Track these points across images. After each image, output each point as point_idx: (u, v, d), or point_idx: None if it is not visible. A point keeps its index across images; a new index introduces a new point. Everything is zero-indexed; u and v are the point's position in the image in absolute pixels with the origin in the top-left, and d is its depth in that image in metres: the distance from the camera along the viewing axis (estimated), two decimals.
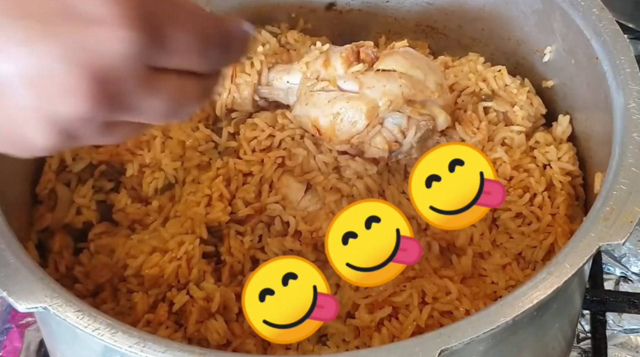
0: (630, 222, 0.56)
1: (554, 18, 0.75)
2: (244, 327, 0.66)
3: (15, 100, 0.39)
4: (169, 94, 0.43)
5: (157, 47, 0.41)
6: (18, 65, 0.38)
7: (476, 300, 0.66)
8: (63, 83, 0.39)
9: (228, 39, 0.45)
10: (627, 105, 0.64)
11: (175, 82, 0.43)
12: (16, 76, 0.39)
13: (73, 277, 0.70)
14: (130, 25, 0.39)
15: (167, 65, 0.42)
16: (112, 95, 0.40)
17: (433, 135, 0.72)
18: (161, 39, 0.41)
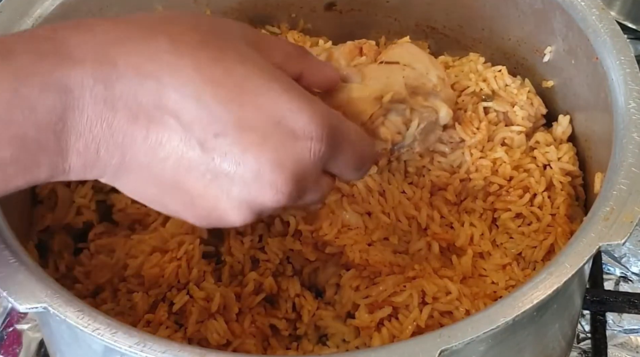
0: (631, 222, 0.56)
1: (554, 18, 0.75)
2: (244, 327, 0.66)
3: (224, 190, 0.48)
4: (323, 191, 0.54)
5: (333, 159, 0.52)
6: (239, 166, 0.47)
7: (476, 300, 0.66)
8: (269, 181, 0.48)
9: (372, 160, 0.58)
10: (627, 105, 0.64)
11: (328, 182, 0.54)
12: (234, 173, 0.48)
13: (73, 277, 0.70)
14: (323, 141, 0.50)
15: (330, 170, 0.54)
16: (298, 191, 0.50)
17: (435, 129, 0.72)
18: (337, 153, 0.52)
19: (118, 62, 0.46)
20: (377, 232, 0.70)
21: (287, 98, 0.49)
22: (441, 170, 0.74)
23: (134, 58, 0.46)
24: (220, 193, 0.48)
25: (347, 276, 0.68)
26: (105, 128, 0.46)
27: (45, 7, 0.71)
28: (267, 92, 0.48)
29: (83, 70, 0.45)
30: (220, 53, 0.48)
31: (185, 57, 0.47)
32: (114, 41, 0.47)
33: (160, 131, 0.47)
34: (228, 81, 0.47)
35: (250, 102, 0.48)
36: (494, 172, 0.73)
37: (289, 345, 0.68)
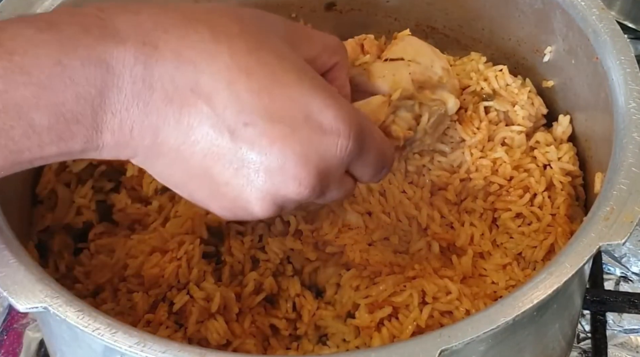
0: (631, 222, 0.56)
1: (554, 18, 0.75)
2: (244, 327, 0.66)
3: (249, 180, 0.49)
4: (345, 190, 0.55)
5: (357, 158, 0.53)
6: (265, 156, 0.48)
7: (476, 300, 0.66)
8: (293, 174, 0.49)
9: (392, 163, 0.59)
10: (627, 105, 0.64)
11: (351, 182, 0.55)
12: (260, 163, 0.49)
13: (73, 277, 0.70)
14: (350, 138, 0.51)
15: (352, 171, 0.55)
16: (322, 186, 0.51)
17: (445, 120, 0.72)
18: (362, 153, 0.53)
19: (159, 45, 0.47)
20: (377, 232, 0.70)
21: (318, 94, 0.50)
22: (441, 170, 0.74)
23: (174, 43, 0.48)
24: (246, 183, 0.49)
25: (348, 275, 0.68)
26: (141, 107, 0.47)
27: (45, 7, 0.71)
28: (298, 86, 0.50)
29: (125, 49, 0.46)
30: (256, 44, 0.49)
31: (223, 45, 0.48)
32: (158, 25, 0.48)
33: (193, 115, 0.48)
34: (261, 72, 0.49)
35: (281, 94, 0.49)
36: (494, 172, 0.73)
37: (289, 345, 0.68)
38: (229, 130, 0.48)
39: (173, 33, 0.48)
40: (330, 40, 0.60)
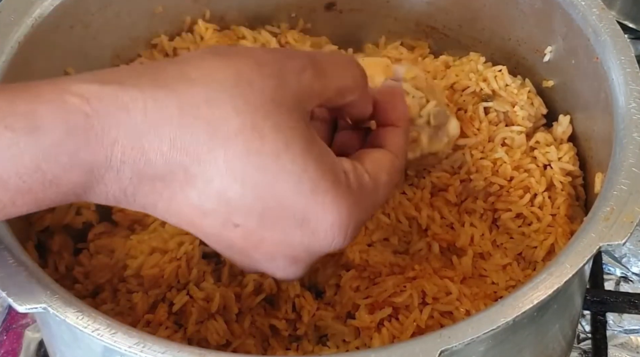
0: (631, 222, 0.56)
1: (554, 18, 0.75)
2: (244, 327, 0.66)
3: (246, 264, 0.53)
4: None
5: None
6: (253, 258, 0.51)
7: (476, 300, 0.66)
8: (283, 275, 0.53)
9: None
10: (627, 105, 0.64)
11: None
12: (249, 262, 0.52)
13: (73, 277, 0.70)
14: (345, 240, 0.51)
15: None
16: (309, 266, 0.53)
17: (442, 136, 0.70)
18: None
19: (149, 150, 0.46)
20: (377, 232, 0.70)
21: (319, 196, 0.48)
22: (442, 171, 0.73)
23: (165, 146, 0.46)
24: (246, 264, 0.53)
25: (347, 276, 0.68)
26: (128, 197, 0.48)
27: (45, 6, 0.71)
28: (295, 192, 0.47)
29: (112, 153, 0.45)
30: (258, 143, 0.46)
31: (218, 151, 0.46)
32: (150, 128, 0.45)
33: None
34: (257, 177, 0.47)
35: (275, 204, 0.47)
36: (494, 173, 0.73)
37: (289, 345, 0.68)
38: (223, 228, 0.49)
39: (164, 134, 0.45)
40: (352, 79, 0.55)
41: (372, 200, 0.52)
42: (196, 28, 0.83)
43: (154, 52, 0.83)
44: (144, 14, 0.81)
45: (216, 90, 0.46)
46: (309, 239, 0.49)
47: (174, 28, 0.83)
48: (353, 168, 0.51)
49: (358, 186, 0.51)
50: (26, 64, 0.70)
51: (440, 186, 0.73)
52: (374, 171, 0.53)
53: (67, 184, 0.45)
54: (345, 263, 0.69)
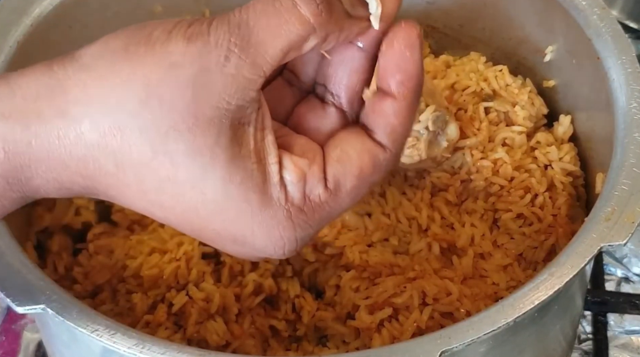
0: (632, 222, 0.56)
1: (555, 18, 0.75)
2: (244, 328, 0.66)
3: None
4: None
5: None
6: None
7: (477, 301, 0.66)
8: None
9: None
10: (628, 105, 0.64)
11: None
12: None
13: (72, 278, 0.70)
14: (288, 253, 0.44)
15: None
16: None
17: (440, 142, 0.70)
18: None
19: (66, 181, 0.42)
20: (377, 233, 0.70)
21: (244, 223, 0.42)
22: (442, 171, 0.73)
23: (76, 178, 0.42)
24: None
25: (347, 277, 0.68)
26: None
27: (44, 6, 0.71)
28: (220, 219, 0.42)
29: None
30: (171, 171, 0.41)
31: (129, 179, 0.41)
32: (57, 157, 0.41)
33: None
34: (177, 208, 0.42)
35: (202, 227, 0.43)
36: (494, 173, 0.73)
37: (289, 346, 0.68)
38: None
39: (72, 166, 0.41)
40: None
41: (325, 213, 0.43)
42: None
43: None
44: (144, 14, 0.80)
45: (120, 115, 0.40)
46: (252, 251, 0.44)
47: None
48: (298, 179, 0.42)
49: (301, 202, 0.42)
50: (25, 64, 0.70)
51: (440, 186, 0.73)
52: (335, 178, 0.43)
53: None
54: (345, 264, 0.69)
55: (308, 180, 0.42)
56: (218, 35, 0.39)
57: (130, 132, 0.40)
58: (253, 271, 0.69)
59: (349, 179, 0.43)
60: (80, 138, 0.40)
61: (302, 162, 0.42)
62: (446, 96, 0.76)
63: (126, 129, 0.39)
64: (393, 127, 0.43)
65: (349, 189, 0.43)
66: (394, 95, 0.43)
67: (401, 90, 0.42)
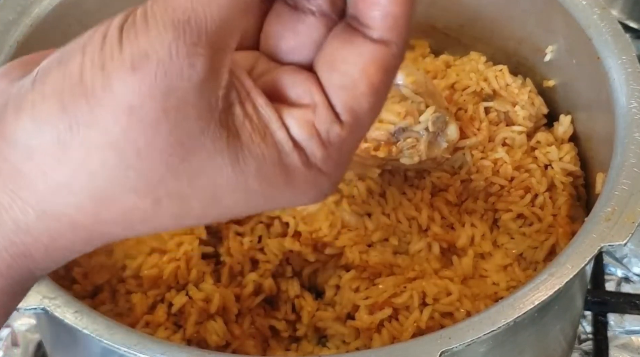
0: (632, 222, 0.56)
1: (555, 17, 0.75)
2: (244, 328, 0.66)
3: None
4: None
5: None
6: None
7: (477, 301, 0.65)
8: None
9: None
10: (629, 105, 0.64)
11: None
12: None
13: (71, 278, 0.69)
14: (330, 193, 0.38)
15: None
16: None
17: (441, 143, 0.70)
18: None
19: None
20: (377, 233, 0.70)
21: (278, 200, 0.36)
22: (442, 171, 0.73)
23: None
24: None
25: (347, 277, 0.68)
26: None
27: (43, 6, 0.71)
28: (252, 201, 0.35)
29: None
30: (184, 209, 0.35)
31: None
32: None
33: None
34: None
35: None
36: (495, 173, 0.73)
37: (289, 346, 0.68)
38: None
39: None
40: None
41: (353, 142, 0.37)
42: None
43: None
44: None
45: (101, 191, 0.33)
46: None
47: None
48: (310, 134, 0.34)
49: (323, 151, 0.35)
50: None
51: (440, 186, 0.73)
52: (346, 107, 0.35)
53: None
54: (345, 264, 0.69)
55: (320, 127, 0.35)
56: (161, 39, 0.31)
57: (125, 199, 0.33)
58: (253, 271, 0.69)
59: (362, 100, 0.35)
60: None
61: (305, 113, 0.34)
62: (446, 96, 0.76)
63: (117, 201, 0.33)
64: (394, 16, 0.34)
65: (367, 109, 0.35)
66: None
67: None
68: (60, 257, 0.35)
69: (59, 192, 0.32)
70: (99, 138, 0.31)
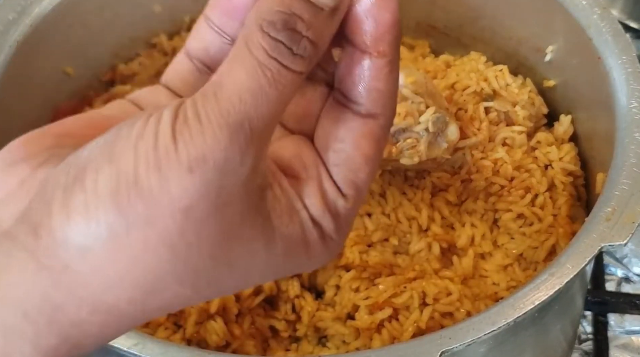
0: (633, 222, 0.56)
1: (555, 17, 0.75)
2: (244, 328, 0.66)
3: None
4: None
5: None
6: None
7: (477, 301, 0.65)
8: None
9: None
10: (629, 105, 0.64)
11: None
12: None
13: None
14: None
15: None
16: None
17: (441, 143, 0.70)
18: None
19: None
20: (377, 233, 0.70)
21: (297, 267, 0.38)
22: (442, 171, 0.73)
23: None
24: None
25: (347, 277, 0.68)
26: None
27: (43, 6, 0.71)
28: (274, 266, 0.37)
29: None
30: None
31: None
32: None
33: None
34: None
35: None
36: (495, 173, 0.73)
37: (289, 346, 0.68)
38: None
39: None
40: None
41: (355, 211, 0.38)
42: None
43: (154, 51, 0.83)
44: (143, 14, 0.80)
45: (152, 285, 0.33)
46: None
47: (173, 27, 0.83)
48: (323, 209, 0.36)
49: (334, 224, 0.37)
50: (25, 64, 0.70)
51: (440, 186, 0.73)
52: (347, 181, 0.37)
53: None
54: (345, 264, 0.69)
55: (328, 201, 0.37)
56: (217, 142, 0.31)
57: (171, 289, 0.33)
58: None
59: (360, 173, 0.37)
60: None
61: (316, 189, 0.36)
62: (446, 96, 0.76)
63: (164, 291, 0.33)
64: (379, 91, 0.36)
65: (365, 179, 0.37)
66: (371, 53, 0.35)
67: (380, 47, 0.35)
68: (103, 342, 0.35)
69: (112, 288, 0.32)
70: (155, 236, 0.32)
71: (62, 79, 0.77)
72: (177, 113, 0.32)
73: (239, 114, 0.32)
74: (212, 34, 0.38)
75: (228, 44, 0.38)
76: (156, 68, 0.82)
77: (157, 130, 0.31)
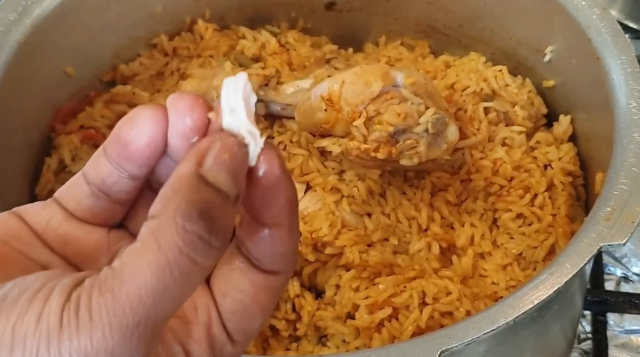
0: (632, 222, 0.56)
1: (554, 18, 0.75)
2: None
3: None
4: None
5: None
6: None
7: (477, 300, 0.66)
8: None
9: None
10: (628, 105, 0.64)
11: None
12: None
13: None
14: None
15: None
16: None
17: (441, 143, 0.69)
18: None
19: None
20: (377, 233, 0.70)
21: None
22: (442, 171, 0.73)
23: None
24: None
25: (347, 276, 0.68)
26: None
27: (44, 6, 0.71)
28: None
29: None
30: None
31: None
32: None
33: None
34: None
35: None
36: (494, 173, 0.73)
37: (289, 346, 0.68)
38: None
39: None
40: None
41: (242, 353, 0.38)
42: (196, 28, 0.83)
43: (154, 52, 0.83)
44: (144, 14, 0.80)
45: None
46: None
47: (174, 28, 0.83)
48: (208, 354, 0.36)
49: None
50: (26, 64, 0.70)
51: (440, 186, 0.73)
52: (239, 329, 0.36)
53: None
54: (345, 263, 0.69)
55: (215, 347, 0.36)
56: (105, 344, 0.30)
57: None
58: None
59: (253, 322, 0.37)
60: None
61: (203, 332, 0.36)
62: (446, 96, 0.76)
63: None
64: (280, 255, 0.36)
65: (257, 328, 0.38)
66: (271, 226, 0.36)
67: (278, 220, 0.36)
68: None
69: None
70: None
71: (63, 79, 0.77)
72: (69, 295, 0.30)
73: (135, 316, 0.30)
74: (110, 167, 0.37)
75: (125, 178, 0.37)
76: (156, 68, 0.82)
77: (41, 312, 0.30)
